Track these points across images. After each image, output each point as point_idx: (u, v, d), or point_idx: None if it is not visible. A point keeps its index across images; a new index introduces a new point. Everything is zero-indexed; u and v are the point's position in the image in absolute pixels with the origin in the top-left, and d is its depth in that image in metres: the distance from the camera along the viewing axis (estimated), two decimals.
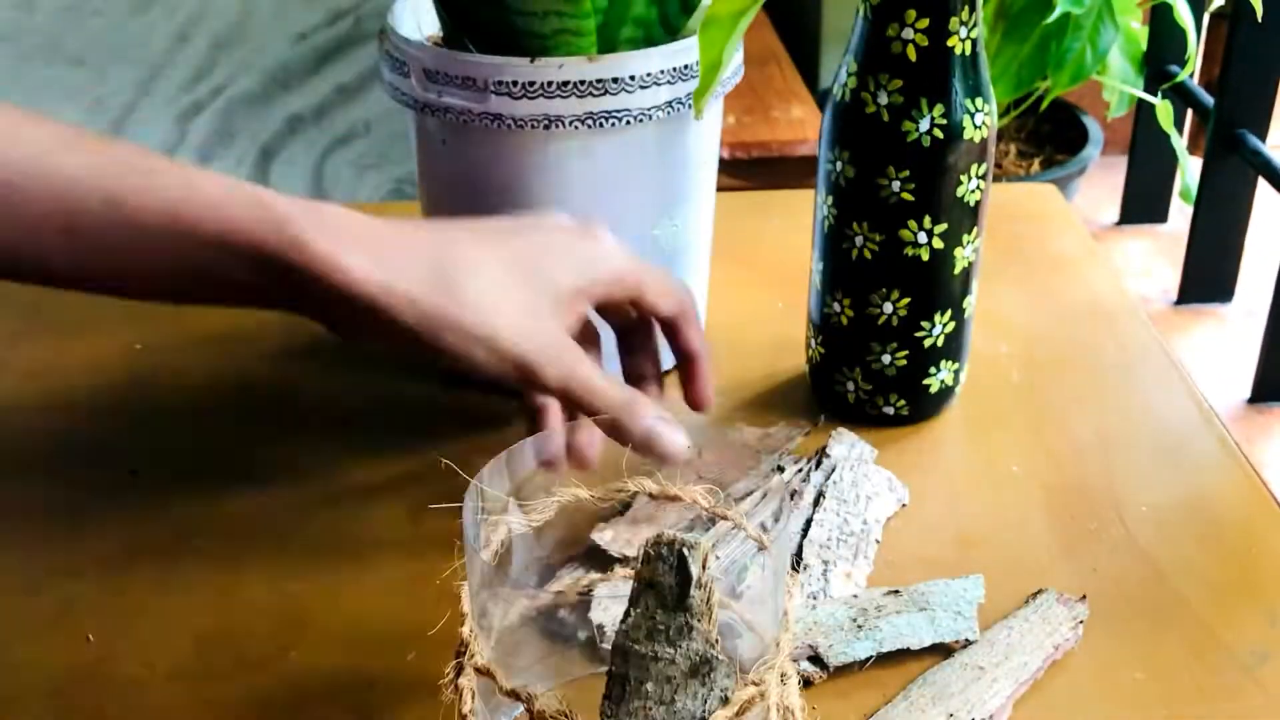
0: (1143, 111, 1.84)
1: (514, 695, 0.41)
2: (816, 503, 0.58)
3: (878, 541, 0.57)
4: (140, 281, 0.46)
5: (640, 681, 0.40)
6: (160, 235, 0.44)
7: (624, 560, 0.52)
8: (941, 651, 0.51)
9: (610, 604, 0.48)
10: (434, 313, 0.47)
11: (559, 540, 0.52)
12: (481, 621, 0.43)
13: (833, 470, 0.60)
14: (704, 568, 0.39)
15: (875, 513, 0.58)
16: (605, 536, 0.53)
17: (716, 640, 0.40)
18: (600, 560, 0.53)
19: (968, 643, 0.51)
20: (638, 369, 0.57)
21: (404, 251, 0.47)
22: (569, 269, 0.51)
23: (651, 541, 0.40)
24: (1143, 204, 1.99)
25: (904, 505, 0.59)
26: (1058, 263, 0.81)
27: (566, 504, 0.48)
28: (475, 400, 0.66)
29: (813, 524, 0.56)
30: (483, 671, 0.42)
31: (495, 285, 0.48)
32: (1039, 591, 0.53)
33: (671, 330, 0.55)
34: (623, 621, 0.40)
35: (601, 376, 0.50)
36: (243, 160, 1.47)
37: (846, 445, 0.62)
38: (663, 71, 0.60)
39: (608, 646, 0.41)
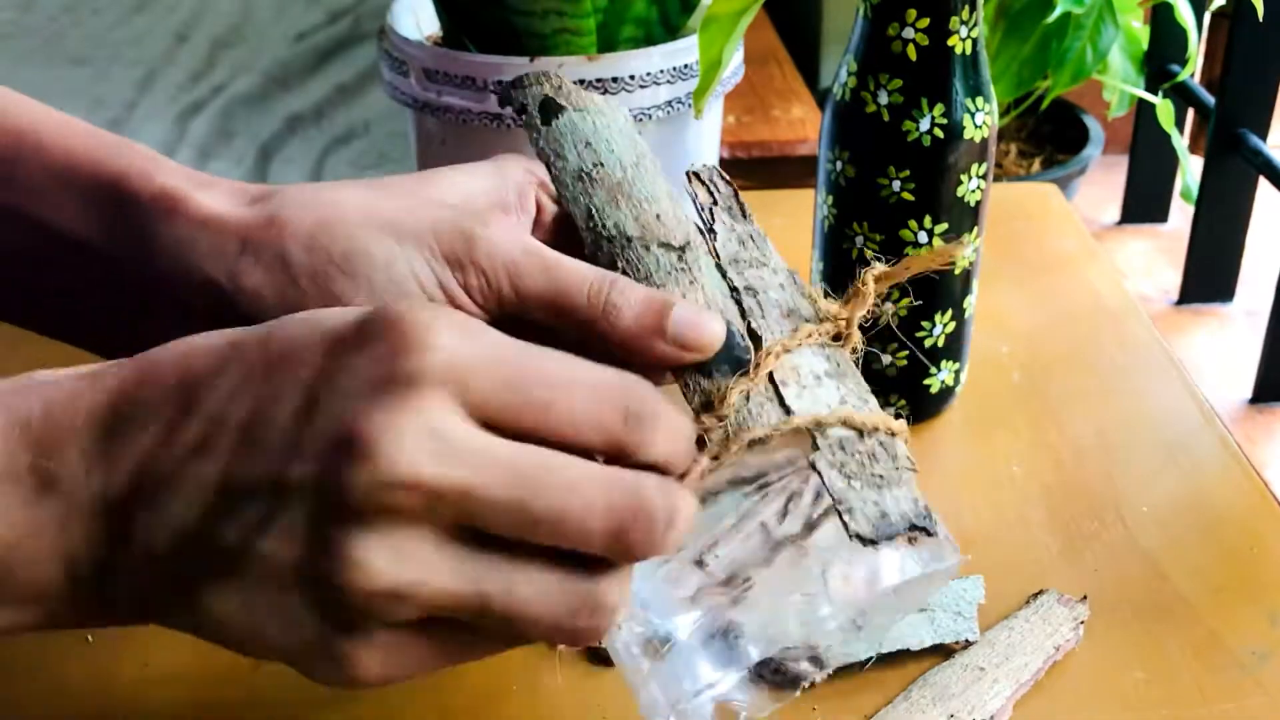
0: (1143, 111, 1.84)
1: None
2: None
3: None
4: None
5: (754, 292, 0.40)
6: None
7: None
8: (942, 652, 0.51)
9: None
10: (297, 217, 0.41)
11: None
12: None
13: None
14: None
15: None
16: None
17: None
18: None
19: (968, 643, 0.51)
20: None
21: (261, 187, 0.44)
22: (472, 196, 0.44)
23: (692, 171, 0.43)
24: (1143, 203, 1.99)
25: None
26: (1058, 263, 0.81)
27: None
28: None
29: None
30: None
31: (372, 192, 0.43)
32: (1039, 592, 0.53)
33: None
34: (713, 239, 0.41)
35: (562, 257, 0.41)
36: (242, 160, 1.47)
37: None
38: (663, 71, 0.60)
39: None
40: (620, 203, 0.41)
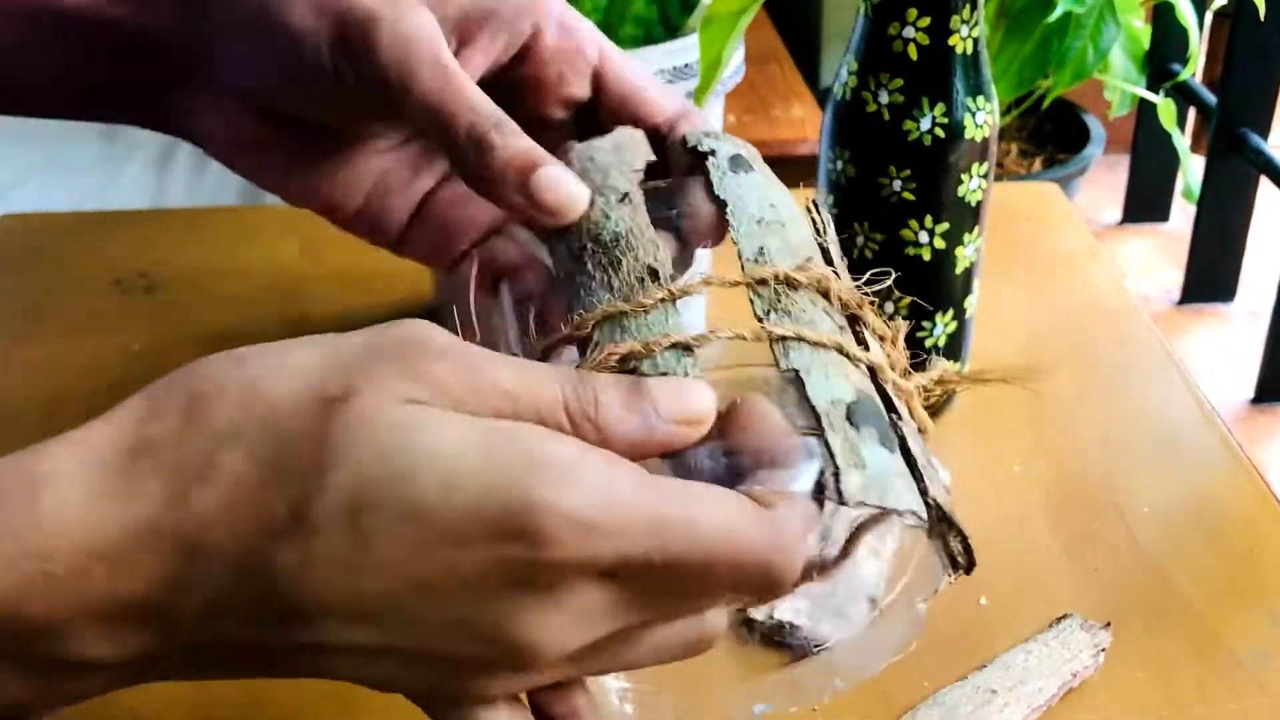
0: (1145, 110, 1.84)
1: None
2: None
3: None
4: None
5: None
6: None
7: None
8: (952, 674, 0.50)
9: None
10: None
11: None
12: None
13: None
14: None
15: None
16: None
17: None
18: None
19: (982, 666, 0.49)
20: None
21: None
22: None
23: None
24: (1145, 203, 1.99)
25: None
26: (1059, 262, 0.81)
27: None
28: None
29: None
30: None
31: None
32: (1063, 616, 0.52)
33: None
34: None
35: (468, 78, 0.38)
36: None
37: None
38: (662, 70, 0.60)
39: None
40: (777, 240, 0.45)
